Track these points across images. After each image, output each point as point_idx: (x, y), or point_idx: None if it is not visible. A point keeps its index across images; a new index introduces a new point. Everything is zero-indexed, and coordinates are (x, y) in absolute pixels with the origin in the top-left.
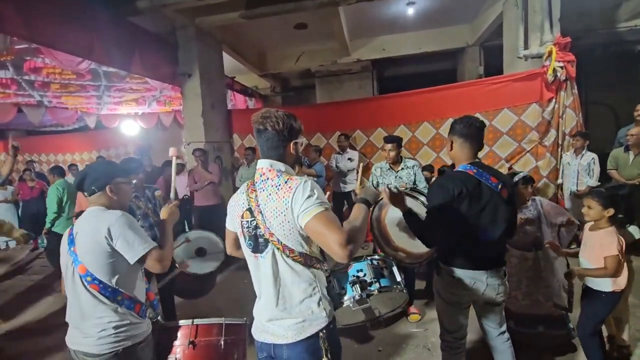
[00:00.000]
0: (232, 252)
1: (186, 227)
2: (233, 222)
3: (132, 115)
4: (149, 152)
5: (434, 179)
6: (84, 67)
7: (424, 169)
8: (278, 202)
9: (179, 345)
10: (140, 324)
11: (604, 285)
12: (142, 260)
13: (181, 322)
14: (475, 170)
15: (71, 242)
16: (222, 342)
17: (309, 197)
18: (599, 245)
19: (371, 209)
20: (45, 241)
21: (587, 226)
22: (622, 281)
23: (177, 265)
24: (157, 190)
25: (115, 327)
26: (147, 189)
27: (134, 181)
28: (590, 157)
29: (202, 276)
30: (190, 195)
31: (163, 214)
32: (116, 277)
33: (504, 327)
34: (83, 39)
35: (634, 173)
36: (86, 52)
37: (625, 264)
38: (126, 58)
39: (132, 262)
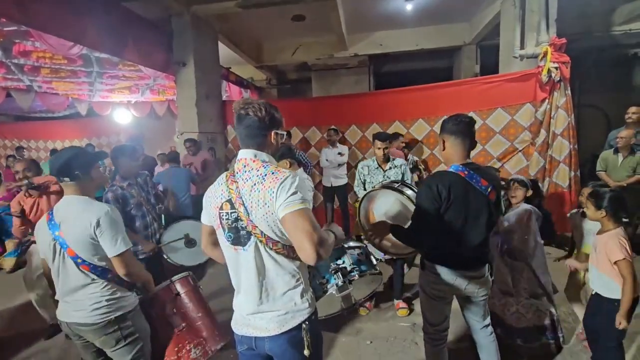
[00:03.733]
0: (207, 250)
1: None
2: (209, 215)
3: (124, 104)
4: (142, 141)
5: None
6: (76, 52)
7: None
8: (264, 192)
9: (169, 302)
10: (128, 296)
11: (617, 291)
12: (120, 255)
13: (161, 285)
14: (466, 172)
15: (54, 227)
16: (198, 286)
17: (294, 193)
18: (605, 250)
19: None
20: None
21: (597, 230)
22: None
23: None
24: (147, 175)
25: (108, 300)
26: (139, 176)
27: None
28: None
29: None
30: None
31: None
32: (106, 260)
33: (488, 321)
34: (75, 23)
35: (623, 175)
36: (78, 36)
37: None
38: (119, 44)
39: (110, 257)
